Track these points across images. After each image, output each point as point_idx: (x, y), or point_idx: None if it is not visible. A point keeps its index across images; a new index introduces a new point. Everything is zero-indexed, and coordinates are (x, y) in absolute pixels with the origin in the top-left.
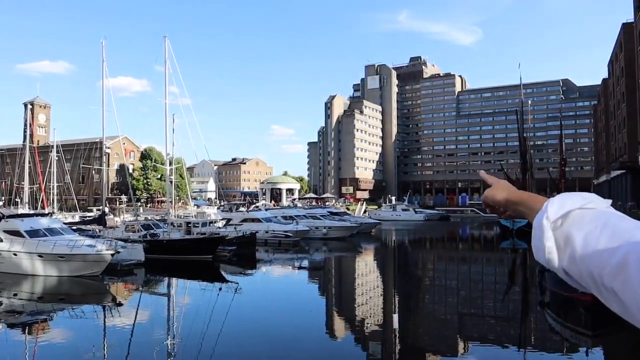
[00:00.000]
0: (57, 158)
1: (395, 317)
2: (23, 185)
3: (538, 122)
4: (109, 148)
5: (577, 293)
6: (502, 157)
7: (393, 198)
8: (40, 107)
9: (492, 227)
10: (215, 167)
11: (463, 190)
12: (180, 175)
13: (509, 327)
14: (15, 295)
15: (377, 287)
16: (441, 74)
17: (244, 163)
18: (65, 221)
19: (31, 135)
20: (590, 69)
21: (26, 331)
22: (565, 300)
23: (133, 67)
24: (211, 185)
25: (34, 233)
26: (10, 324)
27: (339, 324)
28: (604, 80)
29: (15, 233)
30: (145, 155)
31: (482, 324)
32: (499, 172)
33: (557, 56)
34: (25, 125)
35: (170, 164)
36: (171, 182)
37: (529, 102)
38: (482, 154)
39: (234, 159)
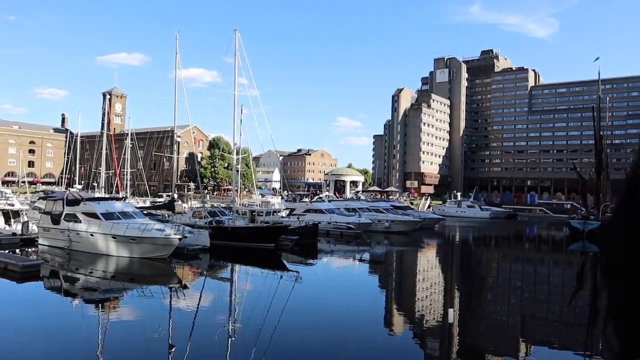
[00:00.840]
0: (131, 145)
1: (451, 311)
2: (100, 170)
3: (617, 119)
4: (179, 137)
5: None
6: (575, 156)
7: (458, 194)
8: (117, 97)
9: (561, 228)
10: (281, 158)
11: (532, 188)
12: (247, 165)
13: (574, 333)
14: (90, 272)
15: (437, 283)
16: (513, 68)
17: (309, 154)
18: (137, 206)
19: (108, 124)
20: None
21: (100, 307)
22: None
23: (204, 59)
24: (276, 176)
25: (109, 216)
26: (87, 299)
27: (397, 318)
28: None
29: (93, 215)
30: (213, 145)
31: (545, 328)
32: (572, 171)
33: None
34: (104, 114)
35: (238, 153)
36: (237, 171)
37: (607, 98)
38: (554, 151)
39: (299, 150)
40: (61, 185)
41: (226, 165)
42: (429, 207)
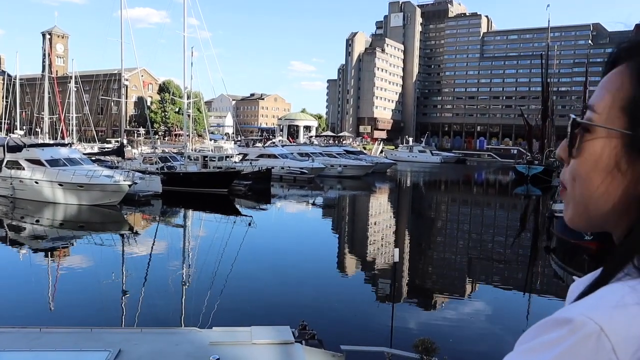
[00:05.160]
0: (75, 89)
1: (397, 251)
2: (43, 115)
3: (564, 67)
4: (127, 80)
5: (583, 240)
6: (523, 102)
7: (410, 139)
8: (58, 37)
9: (507, 173)
10: (233, 102)
11: (482, 134)
12: (198, 109)
13: (516, 271)
14: (37, 221)
15: (389, 226)
16: (467, 14)
17: (262, 99)
18: (85, 152)
19: (50, 66)
20: (627, 13)
21: (49, 255)
22: (571, 246)
23: None
24: (229, 120)
25: (54, 162)
26: (34, 248)
27: (350, 260)
28: (637, 25)
29: (37, 162)
30: (163, 88)
31: (490, 267)
32: (519, 117)
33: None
34: (44, 55)
35: (188, 97)
36: (189, 115)
37: (556, 46)
38: (504, 98)
39: (252, 94)
40: (1, 131)
41: (177, 109)
42: (381, 152)
